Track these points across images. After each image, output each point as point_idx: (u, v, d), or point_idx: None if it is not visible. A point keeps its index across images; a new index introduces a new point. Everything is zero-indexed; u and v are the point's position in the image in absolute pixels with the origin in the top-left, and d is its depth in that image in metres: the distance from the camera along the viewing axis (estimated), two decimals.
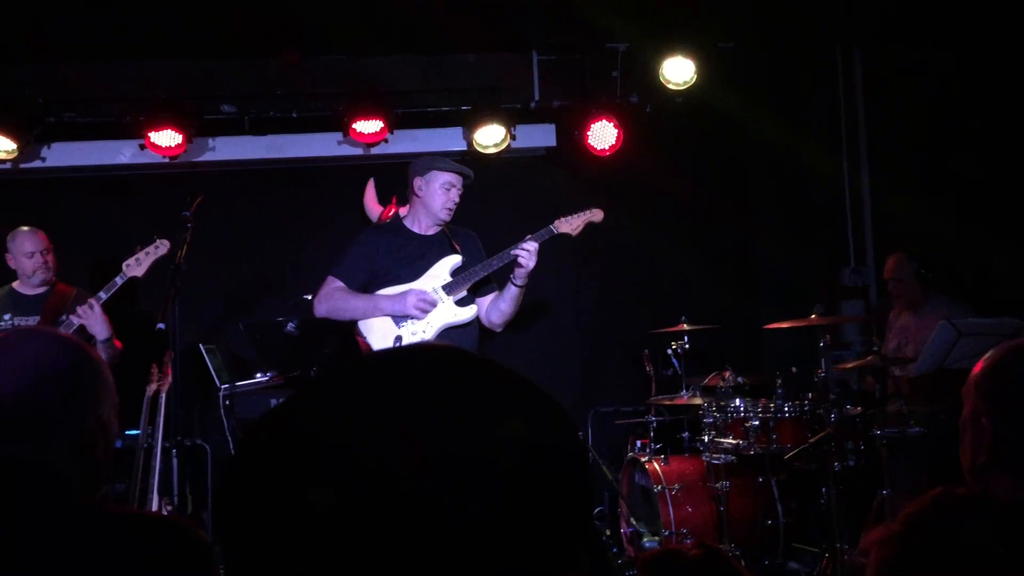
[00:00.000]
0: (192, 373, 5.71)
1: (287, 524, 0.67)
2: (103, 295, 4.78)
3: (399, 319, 4.39)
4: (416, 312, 4.34)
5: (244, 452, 0.74)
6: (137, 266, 4.78)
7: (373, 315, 4.41)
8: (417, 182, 4.51)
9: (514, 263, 4.38)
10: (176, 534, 1.45)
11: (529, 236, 4.40)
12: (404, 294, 4.38)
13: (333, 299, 4.46)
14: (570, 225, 4.55)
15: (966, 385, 1.63)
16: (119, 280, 4.79)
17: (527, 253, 4.31)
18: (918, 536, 1.34)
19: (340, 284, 4.48)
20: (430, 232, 4.57)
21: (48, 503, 1.44)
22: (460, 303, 4.49)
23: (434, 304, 4.39)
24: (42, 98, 6.08)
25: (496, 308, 4.53)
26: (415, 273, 4.47)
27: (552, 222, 4.54)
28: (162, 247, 4.76)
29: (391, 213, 5.83)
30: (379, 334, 4.40)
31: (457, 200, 4.50)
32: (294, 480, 0.68)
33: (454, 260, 4.51)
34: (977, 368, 1.63)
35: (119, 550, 1.41)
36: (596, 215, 4.62)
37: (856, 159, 6.93)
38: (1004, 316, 4.47)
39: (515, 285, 4.44)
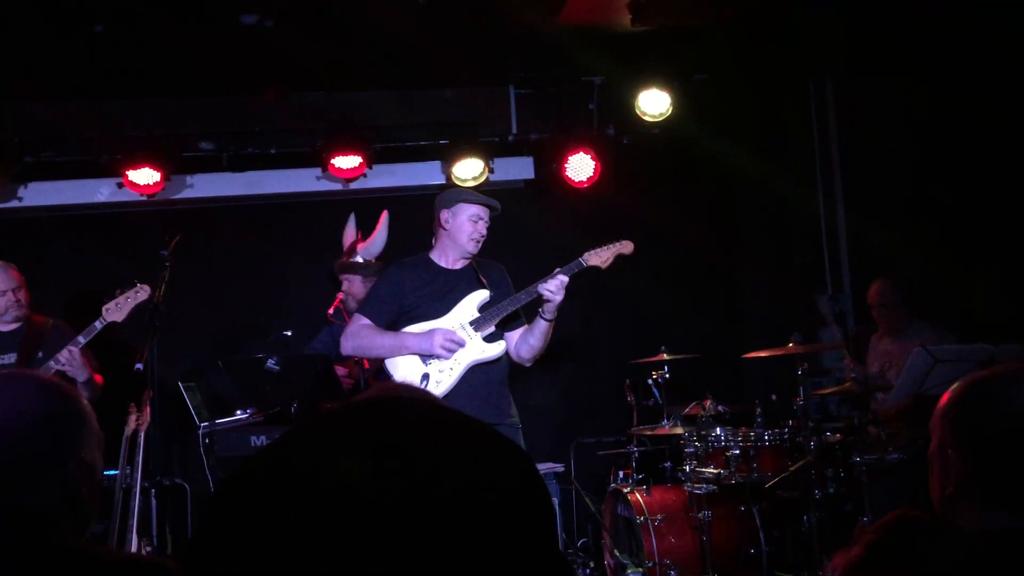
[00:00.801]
0: (171, 411, 5.67)
1: (264, 559, 0.69)
2: (82, 339, 4.74)
3: (426, 357, 4.29)
4: (442, 352, 4.23)
5: (222, 498, 0.75)
6: (117, 311, 4.74)
7: (400, 353, 4.30)
8: (444, 215, 4.42)
9: (542, 298, 4.27)
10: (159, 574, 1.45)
11: (558, 269, 4.28)
12: (431, 333, 4.27)
13: (360, 337, 4.34)
14: (599, 258, 4.43)
15: (933, 417, 1.64)
16: (98, 324, 4.76)
17: (555, 288, 4.21)
18: (880, 560, 1.36)
19: (367, 321, 4.36)
20: (457, 266, 4.46)
21: (33, 546, 1.44)
22: (488, 339, 4.37)
23: (461, 344, 4.27)
24: (19, 137, 6.08)
25: (525, 343, 4.42)
26: (443, 309, 4.37)
27: (581, 255, 4.42)
28: (142, 292, 4.70)
29: (358, 247, 5.81)
30: (406, 372, 4.29)
31: (484, 232, 4.40)
32: (272, 520, 0.70)
33: (482, 295, 4.40)
34: (943, 400, 1.64)
35: None
36: (626, 247, 4.49)
37: (831, 188, 7.02)
38: (978, 342, 4.52)
39: (544, 319, 4.34)
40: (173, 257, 4.64)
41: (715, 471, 4.93)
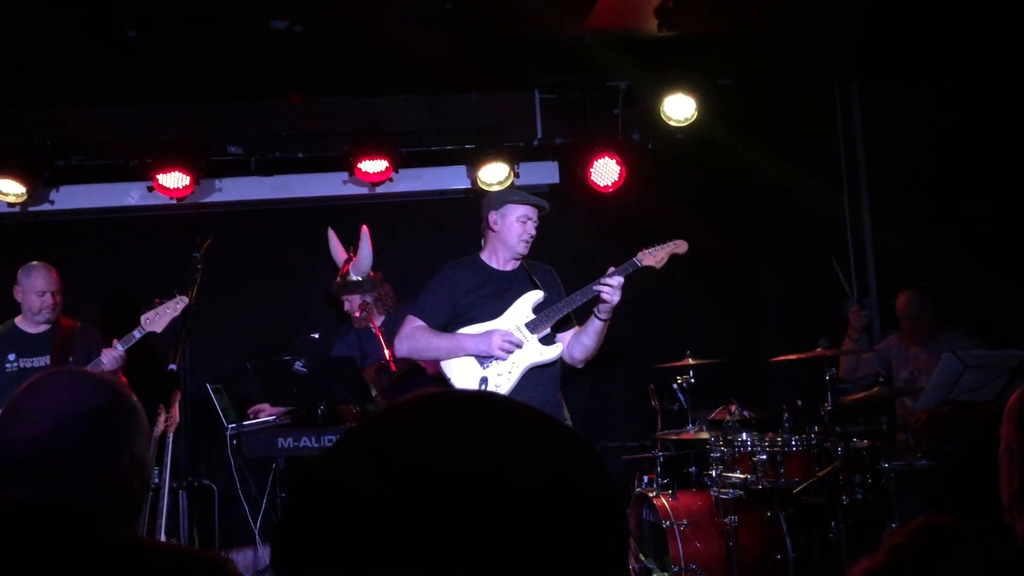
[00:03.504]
0: (199, 413, 5.72)
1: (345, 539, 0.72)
2: (121, 347, 4.79)
3: (483, 359, 4.27)
4: (500, 353, 4.20)
5: (313, 475, 0.78)
6: (156, 321, 4.78)
7: (456, 355, 4.28)
8: (492, 216, 4.42)
9: (597, 298, 4.25)
10: (215, 568, 1.48)
11: (613, 269, 4.27)
12: (488, 334, 4.24)
13: (415, 338, 4.32)
14: (654, 258, 4.42)
15: (1003, 419, 1.66)
16: (137, 334, 4.81)
17: (611, 288, 4.19)
18: (904, 567, 1.36)
19: (421, 323, 4.34)
20: (508, 267, 4.44)
21: (87, 539, 1.48)
22: (544, 341, 4.35)
23: (519, 344, 4.25)
24: (51, 142, 6.16)
25: (579, 343, 4.39)
26: (497, 310, 4.35)
27: (635, 254, 4.41)
28: (181, 303, 4.73)
29: (349, 266, 5.83)
30: (463, 374, 4.27)
31: (533, 232, 4.39)
32: (358, 496, 0.73)
33: (536, 296, 4.39)
34: (1011, 401, 1.65)
35: None
36: (680, 247, 4.48)
37: (857, 193, 6.99)
38: (1008, 348, 4.50)
39: (599, 319, 4.30)
40: (204, 259, 4.68)
41: (741, 476, 4.92)
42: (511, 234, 4.37)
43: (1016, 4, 5.14)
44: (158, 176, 5.99)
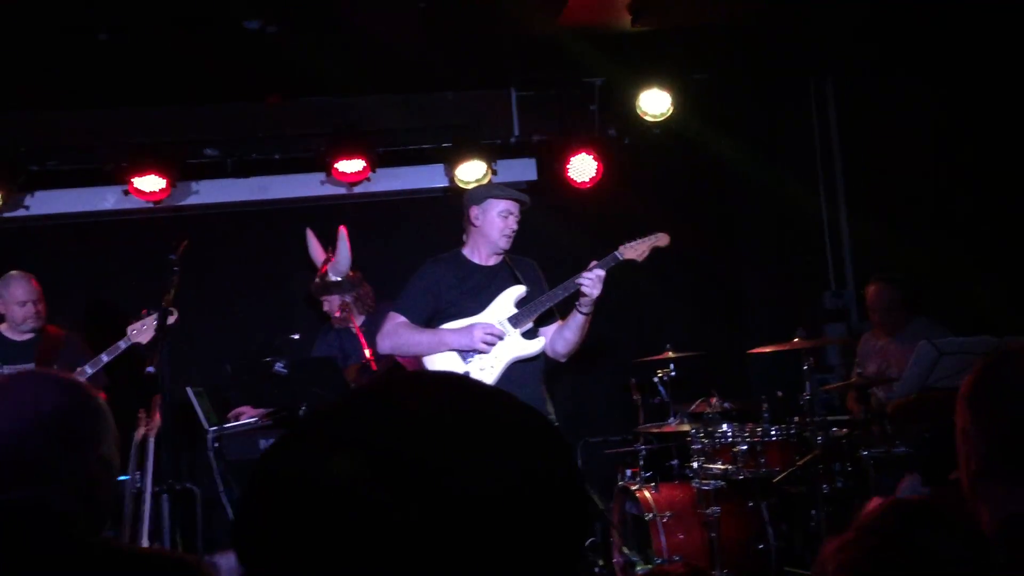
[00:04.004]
0: (180, 416, 5.70)
1: (312, 523, 0.72)
2: (105, 358, 4.76)
3: (466, 354, 4.28)
4: (483, 346, 4.22)
5: (271, 457, 0.78)
6: (142, 332, 4.74)
7: (439, 350, 4.29)
8: (474, 211, 4.42)
9: (579, 292, 4.27)
10: (185, 570, 1.48)
11: (595, 263, 4.29)
12: (470, 327, 4.25)
13: (397, 335, 4.33)
14: (635, 251, 4.44)
15: (957, 401, 1.67)
16: (123, 344, 4.78)
17: (592, 281, 4.22)
18: (871, 544, 1.37)
19: (403, 320, 4.35)
20: (491, 262, 4.45)
21: (54, 543, 1.47)
22: (527, 335, 4.37)
23: (501, 337, 4.27)
24: (24, 146, 6.11)
25: (561, 337, 4.41)
26: (480, 305, 4.36)
27: (617, 248, 4.43)
28: (171, 317, 4.64)
29: (327, 267, 5.83)
30: (445, 369, 4.22)
31: (515, 227, 4.39)
32: (326, 481, 0.73)
33: (518, 291, 4.39)
34: (964, 385, 1.67)
35: None
36: (661, 239, 4.51)
37: (832, 186, 7.04)
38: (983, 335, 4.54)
39: (581, 313, 4.32)
40: (181, 262, 4.65)
41: (723, 467, 4.96)
42: (492, 229, 4.38)
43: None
44: (134, 180, 5.96)
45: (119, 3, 5.03)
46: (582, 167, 6.36)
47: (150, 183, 5.97)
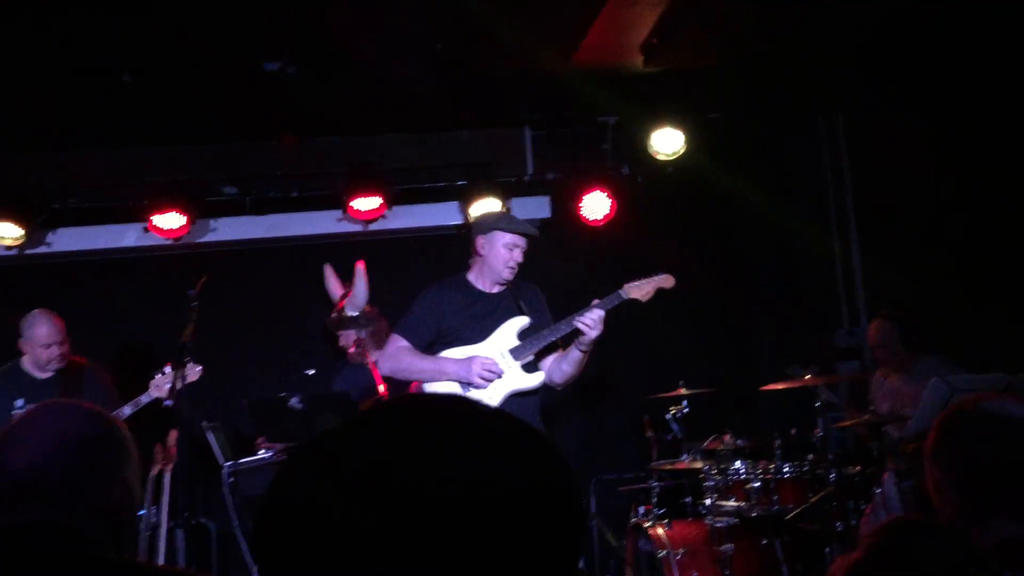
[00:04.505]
0: (196, 451, 5.73)
1: (322, 539, 0.76)
2: (127, 410, 4.81)
3: (464, 384, 4.29)
4: (479, 381, 4.23)
5: (287, 471, 0.83)
6: (163, 388, 4.78)
7: (438, 379, 4.29)
8: (479, 241, 4.43)
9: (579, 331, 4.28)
10: None
11: (596, 302, 4.31)
12: (470, 360, 4.26)
13: (398, 359, 4.35)
14: (640, 291, 4.45)
15: (924, 460, 1.81)
16: (144, 399, 4.83)
17: (592, 322, 4.23)
18: (879, 562, 1.41)
19: (405, 344, 4.36)
20: (495, 290, 4.46)
21: (81, 564, 1.52)
22: (527, 368, 4.37)
23: (499, 374, 4.27)
24: (47, 185, 6.22)
25: (559, 369, 4.42)
26: (482, 333, 4.37)
27: (621, 287, 4.45)
28: (192, 374, 4.67)
29: (344, 302, 5.88)
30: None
31: (520, 259, 4.39)
32: (333, 499, 0.77)
33: (521, 322, 4.40)
34: (929, 441, 1.83)
35: None
36: (667, 281, 4.51)
37: (845, 223, 7.07)
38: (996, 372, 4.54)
39: (579, 351, 4.33)
40: (200, 298, 4.71)
41: (736, 504, 4.95)
42: (497, 260, 4.39)
43: (999, 34, 5.25)
44: (154, 217, 6.05)
45: (142, 45, 5.15)
46: (595, 205, 6.42)
47: (170, 220, 6.06)
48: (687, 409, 5.44)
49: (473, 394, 4.27)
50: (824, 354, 6.56)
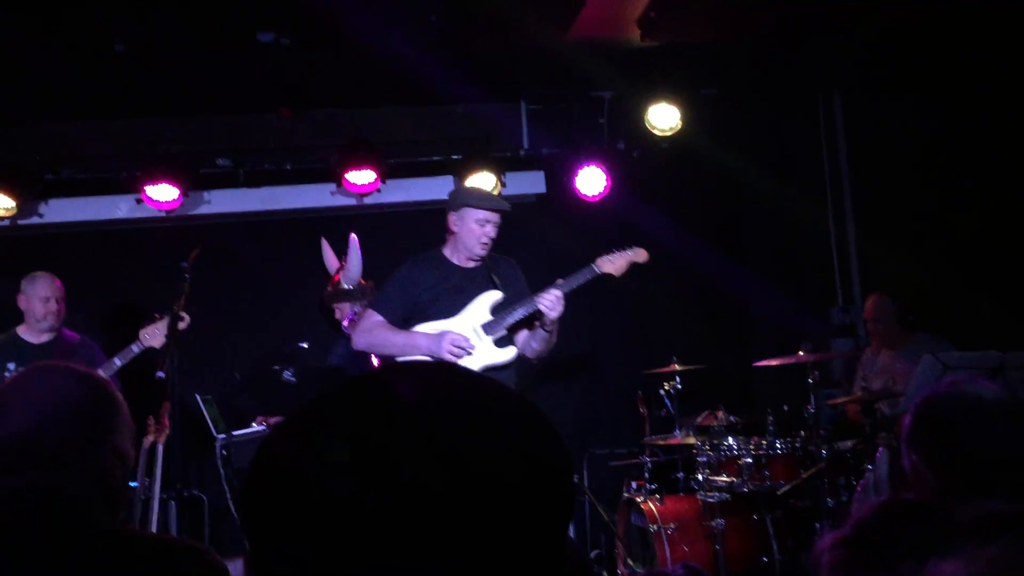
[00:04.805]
0: (189, 423, 5.74)
1: (307, 509, 0.75)
2: (118, 362, 4.82)
3: (436, 359, 4.26)
4: (449, 356, 4.22)
5: (272, 443, 0.82)
6: (155, 336, 4.79)
7: (411, 353, 4.30)
8: (451, 217, 4.43)
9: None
10: (197, 557, 1.53)
11: (559, 281, 4.32)
12: (440, 335, 4.26)
13: (372, 334, 4.38)
14: (613, 265, 4.46)
15: (903, 448, 1.84)
16: (135, 348, 4.83)
17: (551, 303, 4.24)
18: (868, 539, 1.42)
19: (380, 319, 4.38)
20: (469, 264, 4.47)
21: (73, 528, 1.52)
22: (499, 343, 4.39)
23: (468, 351, 4.27)
24: (40, 155, 6.19)
25: (529, 346, 4.45)
26: (456, 307, 4.38)
27: (594, 260, 4.45)
28: (182, 322, 4.69)
29: (340, 276, 5.87)
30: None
31: (493, 235, 4.39)
32: (317, 470, 0.76)
33: (494, 296, 4.41)
34: (905, 427, 1.88)
35: (143, 571, 1.48)
36: (640, 255, 4.52)
37: (840, 201, 7.07)
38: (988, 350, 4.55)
39: (544, 330, 4.37)
40: (193, 270, 4.70)
41: (728, 480, 4.97)
42: (469, 236, 4.39)
43: (997, 16, 5.23)
44: (147, 189, 6.02)
45: (135, 14, 5.10)
46: (591, 180, 6.41)
47: (163, 192, 6.03)
48: (680, 385, 5.47)
49: None
50: (819, 332, 6.57)
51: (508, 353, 4.41)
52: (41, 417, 1.62)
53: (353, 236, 5.82)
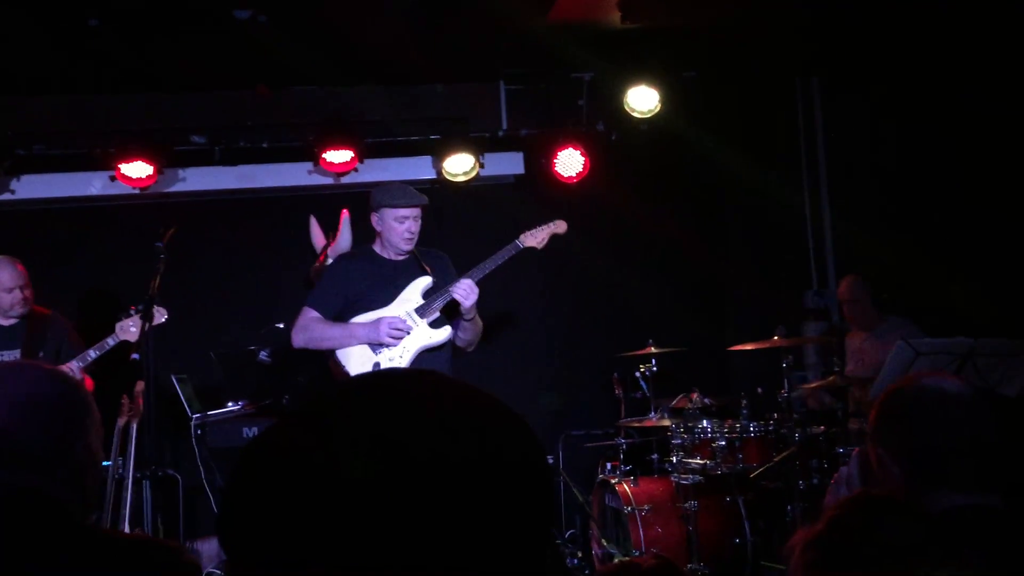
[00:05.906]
0: (163, 403, 5.71)
1: (288, 514, 0.75)
2: (92, 354, 4.77)
3: (376, 346, 4.42)
4: (389, 340, 4.38)
5: (251, 455, 0.82)
6: (131, 329, 4.75)
7: (349, 343, 4.44)
8: (373, 217, 4.57)
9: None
10: (170, 556, 1.53)
11: (473, 269, 4.49)
12: (376, 322, 4.40)
13: (310, 330, 4.50)
14: (535, 239, 4.67)
15: (867, 440, 1.89)
16: (110, 342, 4.78)
17: (463, 291, 4.40)
18: (840, 536, 1.44)
19: (316, 314, 4.51)
20: (399, 258, 4.60)
21: (48, 527, 1.51)
22: (434, 325, 4.52)
23: (406, 331, 4.42)
24: (11, 130, 6.09)
25: (458, 337, 4.63)
26: (388, 297, 4.51)
27: (517, 237, 4.66)
28: (158, 315, 4.65)
29: (328, 251, 5.86)
30: (357, 361, 4.43)
31: (415, 229, 4.52)
32: (294, 479, 0.76)
33: (425, 282, 4.55)
34: (871, 420, 1.90)
35: (118, 572, 1.48)
36: (560, 227, 4.74)
37: (816, 186, 7.11)
38: (958, 336, 4.60)
39: (464, 320, 4.54)
40: (168, 249, 4.66)
41: (701, 462, 5.02)
42: (392, 234, 4.52)
43: (975, 3, 5.25)
44: (121, 165, 5.96)
45: None
46: (569, 162, 6.40)
47: (137, 169, 5.97)
48: (655, 368, 5.50)
49: (384, 353, 4.42)
50: (793, 315, 6.62)
51: (443, 333, 4.54)
52: (16, 416, 1.60)
53: (345, 212, 5.81)
